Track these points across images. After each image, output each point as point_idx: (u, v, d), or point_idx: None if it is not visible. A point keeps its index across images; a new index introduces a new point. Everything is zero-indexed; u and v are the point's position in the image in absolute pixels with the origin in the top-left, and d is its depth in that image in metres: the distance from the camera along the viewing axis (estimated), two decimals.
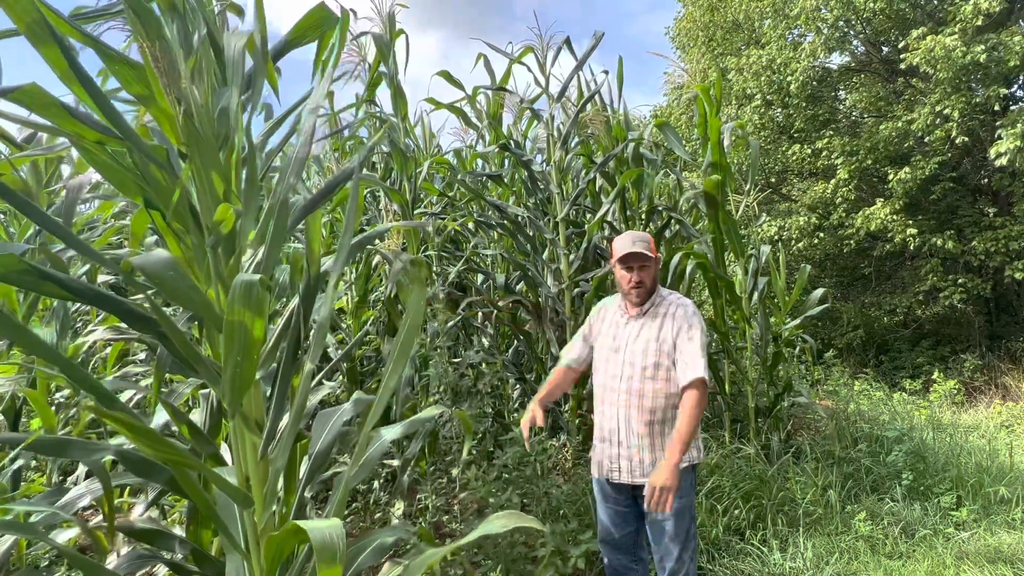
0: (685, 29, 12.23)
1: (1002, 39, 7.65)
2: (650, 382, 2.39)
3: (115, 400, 1.35)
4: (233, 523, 1.67)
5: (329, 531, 1.16)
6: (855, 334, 10.22)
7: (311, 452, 1.76)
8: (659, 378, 2.39)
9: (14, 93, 1.34)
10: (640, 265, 2.45)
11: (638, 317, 2.49)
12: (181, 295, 1.38)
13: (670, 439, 2.29)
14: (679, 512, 2.36)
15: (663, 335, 2.41)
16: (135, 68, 1.48)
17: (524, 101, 4.68)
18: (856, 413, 5.28)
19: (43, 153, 1.91)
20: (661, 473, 2.17)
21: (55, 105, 1.39)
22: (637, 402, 2.39)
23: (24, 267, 1.27)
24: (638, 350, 2.43)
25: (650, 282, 2.48)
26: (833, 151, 9.43)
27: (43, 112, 1.40)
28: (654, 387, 2.38)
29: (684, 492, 2.36)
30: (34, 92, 1.36)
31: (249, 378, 1.40)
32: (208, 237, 1.52)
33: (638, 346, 2.44)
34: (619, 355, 2.47)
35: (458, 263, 4.65)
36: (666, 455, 2.23)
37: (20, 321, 1.67)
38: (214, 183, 1.54)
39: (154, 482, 1.56)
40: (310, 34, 1.84)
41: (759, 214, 8.46)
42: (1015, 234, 8.30)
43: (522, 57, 4.50)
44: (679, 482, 2.19)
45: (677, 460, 2.19)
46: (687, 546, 2.40)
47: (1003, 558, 3.19)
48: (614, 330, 2.54)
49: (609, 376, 2.49)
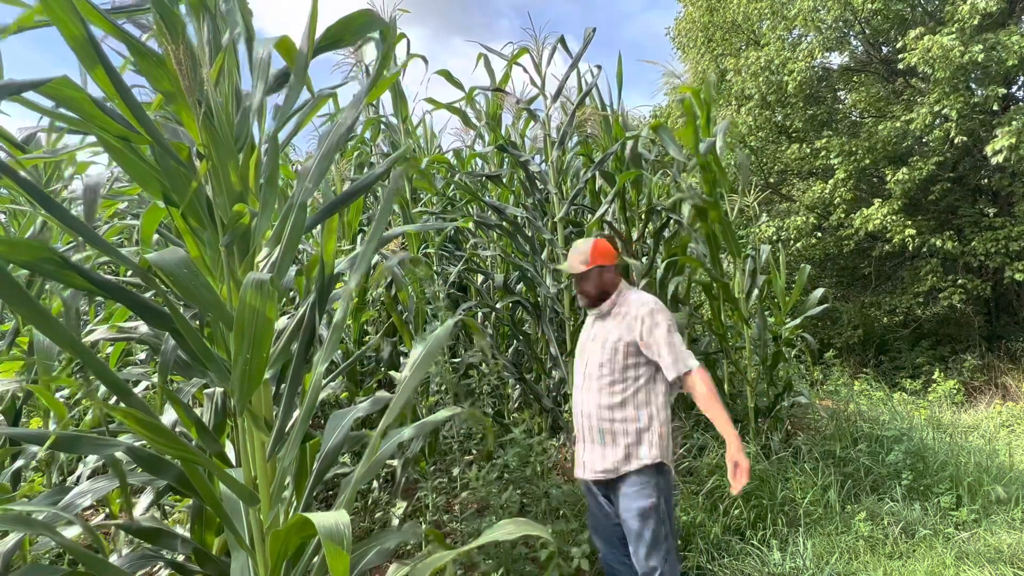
0: (685, 30, 12.23)
1: (1001, 39, 7.65)
2: (598, 382, 2.49)
3: (131, 394, 1.36)
4: (239, 520, 1.68)
5: (336, 521, 1.17)
6: (855, 334, 10.22)
7: (322, 451, 1.76)
8: (605, 377, 2.47)
9: (44, 86, 1.34)
10: (577, 277, 2.62)
11: (599, 319, 2.62)
12: (194, 292, 1.39)
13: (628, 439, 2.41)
14: (643, 513, 2.36)
15: (611, 336, 2.49)
16: (163, 65, 1.48)
17: (521, 101, 4.68)
18: (856, 413, 5.29)
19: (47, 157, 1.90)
20: (731, 455, 2.34)
21: (83, 99, 1.39)
22: (594, 400, 2.49)
23: (50, 256, 1.28)
24: (594, 351, 2.54)
25: (593, 290, 2.60)
26: (831, 151, 9.44)
27: (70, 106, 1.39)
28: (601, 386, 2.48)
29: (647, 493, 2.37)
30: (64, 85, 1.36)
31: (258, 376, 1.41)
32: (223, 236, 1.53)
33: (594, 347, 2.55)
34: (582, 357, 2.62)
35: (458, 263, 4.66)
36: (727, 450, 2.37)
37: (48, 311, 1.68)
38: (232, 182, 1.55)
39: (162, 479, 1.57)
40: (348, 38, 1.79)
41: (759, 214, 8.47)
42: (1015, 235, 8.30)
43: (518, 58, 4.50)
44: (743, 464, 2.32)
45: (734, 438, 2.34)
46: (655, 549, 2.35)
47: (1003, 558, 3.20)
48: (584, 333, 2.69)
49: (576, 377, 2.65)
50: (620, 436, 2.43)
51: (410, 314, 3.92)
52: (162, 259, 1.36)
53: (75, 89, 1.38)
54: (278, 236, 1.61)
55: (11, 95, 1.30)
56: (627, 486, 2.41)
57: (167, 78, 1.49)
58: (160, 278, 1.69)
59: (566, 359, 4.29)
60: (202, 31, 1.60)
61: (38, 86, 1.32)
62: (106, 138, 1.44)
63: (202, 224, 1.56)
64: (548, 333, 4.37)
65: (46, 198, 1.35)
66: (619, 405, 2.45)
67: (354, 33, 1.78)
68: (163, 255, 1.37)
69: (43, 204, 1.33)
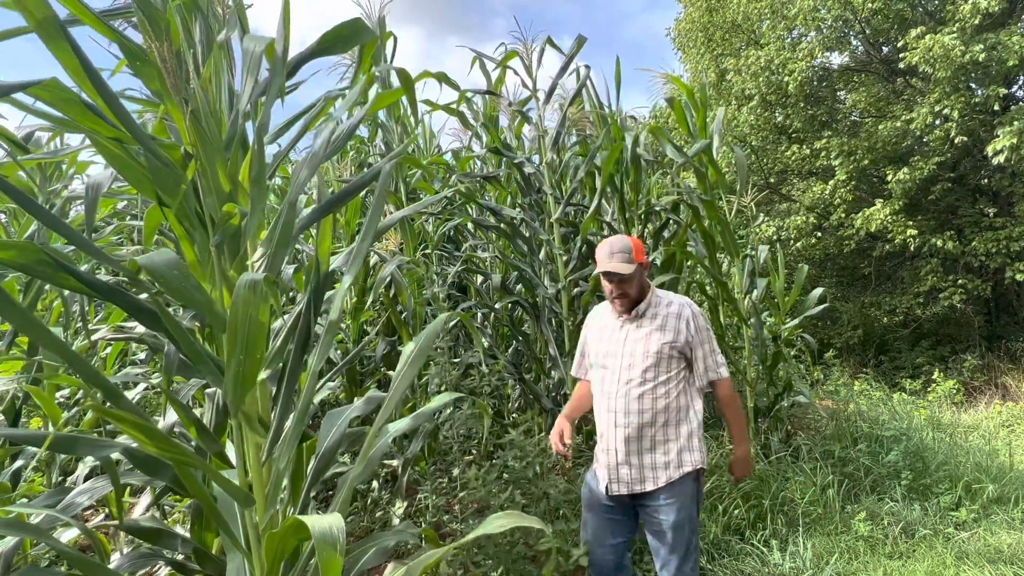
0: (685, 30, 12.24)
1: (1001, 39, 7.66)
2: (643, 388, 2.31)
3: (122, 397, 1.36)
4: (234, 522, 1.68)
5: (330, 524, 1.18)
6: (855, 334, 10.22)
7: (318, 452, 1.76)
8: (649, 383, 2.31)
9: (35, 87, 1.34)
10: (620, 279, 2.34)
11: (632, 320, 2.40)
12: (184, 294, 1.38)
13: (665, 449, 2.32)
14: (678, 524, 2.29)
15: (653, 339, 2.33)
16: (154, 65, 1.48)
17: (513, 104, 4.68)
18: (856, 413, 5.29)
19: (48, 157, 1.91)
20: (740, 467, 2.50)
21: (74, 101, 1.40)
22: (636, 408, 2.31)
23: (43, 258, 1.28)
24: (631, 356, 2.34)
25: (635, 291, 2.38)
26: (831, 151, 9.44)
27: (62, 107, 1.40)
28: (643, 392, 2.31)
29: (685, 503, 2.30)
30: (54, 87, 1.36)
31: (252, 377, 1.40)
32: (213, 236, 1.53)
33: (630, 351, 2.35)
34: (613, 361, 2.39)
35: (457, 263, 4.66)
36: (735, 450, 2.48)
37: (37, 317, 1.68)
38: (220, 182, 1.55)
39: (159, 480, 1.57)
40: (339, 46, 1.81)
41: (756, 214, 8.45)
42: (1016, 235, 8.30)
43: (508, 61, 4.51)
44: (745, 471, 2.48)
45: (746, 449, 2.48)
46: (687, 558, 2.32)
47: (1003, 558, 3.19)
48: (607, 335, 2.45)
49: (605, 384, 2.41)
50: (661, 444, 2.31)
51: (409, 314, 3.93)
52: (151, 261, 1.36)
53: (65, 91, 1.38)
54: (270, 236, 1.61)
55: (1, 96, 1.30)
56: (665, 497, 2.30)
57: (158, 77, 1.49)
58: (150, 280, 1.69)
59: (565, 359, 4.29)
60: (193, 30, 1.60)
61: (28, 87, 1.32)
62: (98, 139, 1.44)
63: (193, 225, 1.56)
64: (547, 333, 4.37)
65: (33, 204, 1.34)
66: (662, 411, 2.31)
67: (344, 42, 1.80)
68: (152, 257, 1.37)
69: (30, 210, 1.33)
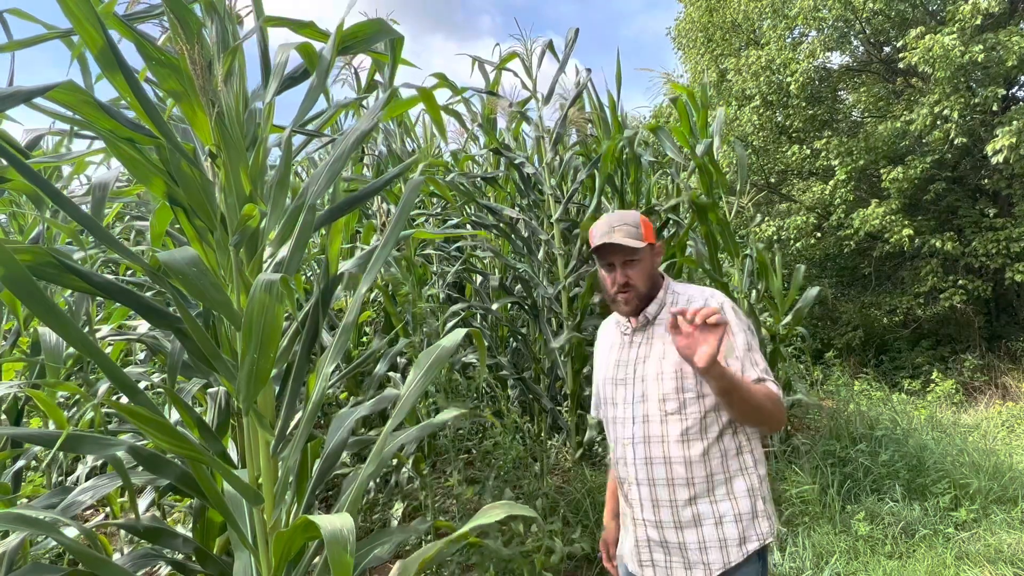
0: (685, 30, 12.24)
1: (1001, 39, 7.66)
2: (665, 428, 1.58)
3: (140, 393, 1.37)
4: (242, 520, 1.69)
5: (341, 524, 1.18)
6: (855, 334, 10.22)
7: (324, 451, 1.77)
8: (679, 418, 1.57)
9: (52, 91, 1.37)
10: (624, 260, 1.65)
11: (644, 329, 1.70)
12: (203, 292, 1.40)
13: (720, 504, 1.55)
14: None
15: (677, 353, 1.53)
16: (171, 65, 1.50)
17: (513, 104, 4.69)
18: (856, 413, 5.29)
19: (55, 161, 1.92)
20: (706, 356, 1.37)
21: (90, 103, 1.42)
22: (661, 456, 1.58)
23: (51, 259, 1.31)
24: (650, 376, 1.62)
25: (644, 282, 1.66)
26: (831, 151, 9.44)
27: (78, 109, 1.42)
28: (675, 436, 1.57)
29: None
30: (70, 89, 1.39)
31: (265, 375, 1.42)
32: (232, 236, 1.54)
33: (641, 375, 1.64)
34: (626, 389, 1.67)
35: (456, 263, 4.66)
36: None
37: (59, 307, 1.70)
38: (242, 183, 1.56)
39: (163, 478, 1.58)
40: (358, 46, 1.82)
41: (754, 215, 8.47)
42: (1016, 235, 8.30)
43: (507, 62, 4.52)
44: (716, 382, 1.43)
45: (724, 370, 1.43)
46: None
47: (1003, 558, 3.20)
48: (616, 355, 1.74)
49: (617, 427, 1.69)
50: (708, 511, 1.56)
51: (407, 313, 3.93)
52: (172, 258, 1.38)
53: (80, 92, 1.40)
54: (285, 237, 1.62)
55: (21, 102, 1.33)
56: None
57: (174, 78, 1.50)
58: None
59: (564, 359, 4.29)
60: (211, 31, 1.61)
61: (45, 92, 1.34)
62: (111, 139, 1.46)
63: (210, 225, 1.57)
64: (546, 333, 4.37)
65: (59, 194, 1.37)
66: (700, 459, 1.55)
67: (364, 41, 1.81)
68: (173, 254, 1.39)
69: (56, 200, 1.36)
